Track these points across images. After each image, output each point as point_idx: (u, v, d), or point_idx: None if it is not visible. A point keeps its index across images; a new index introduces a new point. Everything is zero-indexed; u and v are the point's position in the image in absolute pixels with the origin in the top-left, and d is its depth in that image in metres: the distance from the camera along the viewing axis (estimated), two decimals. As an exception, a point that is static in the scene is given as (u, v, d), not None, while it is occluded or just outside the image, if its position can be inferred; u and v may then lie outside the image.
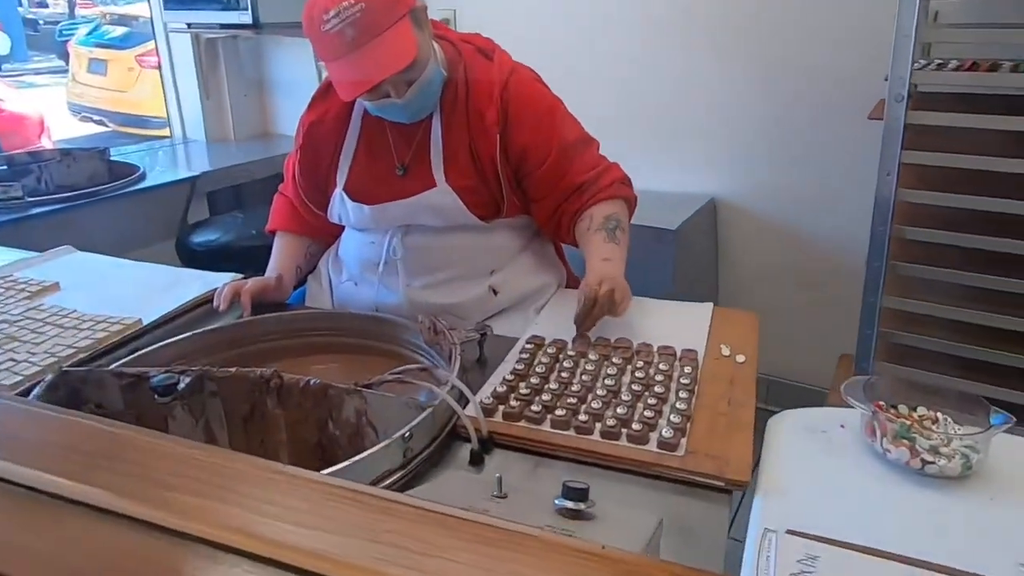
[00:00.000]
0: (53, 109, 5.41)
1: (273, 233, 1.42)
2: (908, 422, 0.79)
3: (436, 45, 1.22)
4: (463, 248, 1.27)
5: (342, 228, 1.38)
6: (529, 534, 0.27)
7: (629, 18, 2.30)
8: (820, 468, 0.78)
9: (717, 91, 2.24)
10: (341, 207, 1.29)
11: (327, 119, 1.28)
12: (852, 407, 0.83)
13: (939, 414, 0.82)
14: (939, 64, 1.59)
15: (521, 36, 2.33)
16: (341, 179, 1.28)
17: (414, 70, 1.13)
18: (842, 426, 0.86)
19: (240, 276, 1.35)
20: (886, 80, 1.55)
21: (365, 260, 1.31)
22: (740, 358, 1.03)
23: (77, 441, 0.33)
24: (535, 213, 1.31)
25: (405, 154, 1.25)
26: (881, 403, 0.83)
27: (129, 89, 5.33)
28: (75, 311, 1.20)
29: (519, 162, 1.23)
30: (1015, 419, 0.77)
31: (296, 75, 2.92)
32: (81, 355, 1.07)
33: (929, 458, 0.75)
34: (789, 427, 0.86)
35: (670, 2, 2.24)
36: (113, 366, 0.96)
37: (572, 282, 1.42)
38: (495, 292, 1.28)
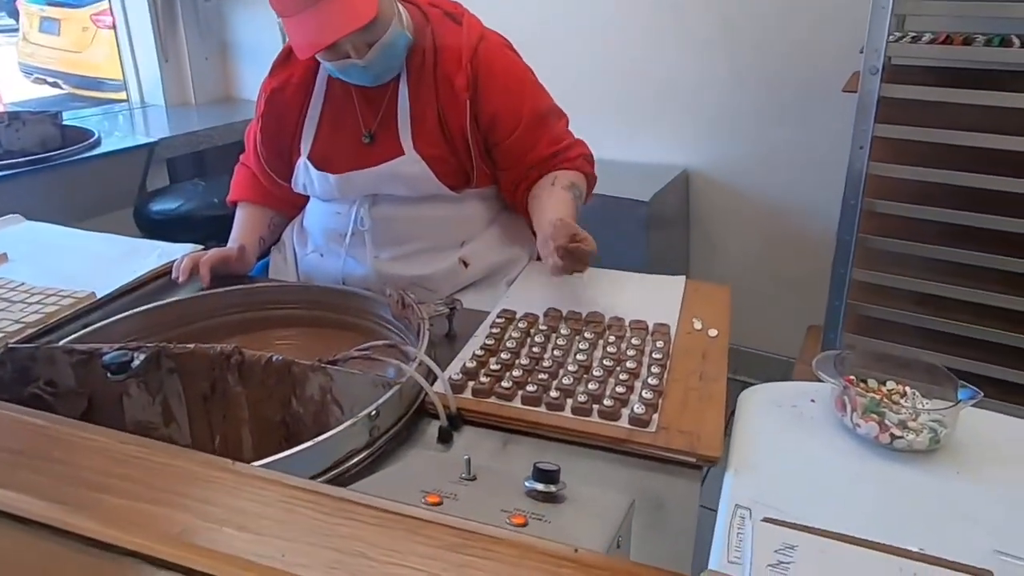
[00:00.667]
0: (3, 70, 5.16)
1: (235, 205, 1.37)
2: (877, 396, 0.79)
3: (401, 8, 1.17)
4: (432, 219, 1.24)
5: (306, 198, 1.33)
6: (497, 537, 0.25)
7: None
8: (790, 443, 0.78)
9: (691, 62, 2.22)
10: (306, 176, 1.25)
11: (289, 85, 1.23)
12: (822, 381, 0.83)
13: (907, 388, 0.82)
14: (914, 37, 1.58)
15: (493, 3, 2.27)
16: (305, 147, 1.24)
17: (374, 30, 1.08)
18: (812, 400, 0.86)
19: (200, 247, 1.30)
20: (861, 52, 1.54)
21: (331, 231, 1.27)
22: (712, 332, 1.03)
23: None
24: (501, 182, 1.28)
25: (371, 121, 1.21)
26: (851, 377, 0.83)
27: (84, 50, 5.10)
28: (24, 284, 1.14)
29: (488, 130, 1.20)
30: (982, 393, 0.78)
31: (260, 38, 2.81)
32: (30, 330, 1.02)
33: (898, 432, 0.75)
34: (760, 401, 0.86)
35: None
36: (63, 342, 0.91)
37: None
38: (465, 264, 1.25)
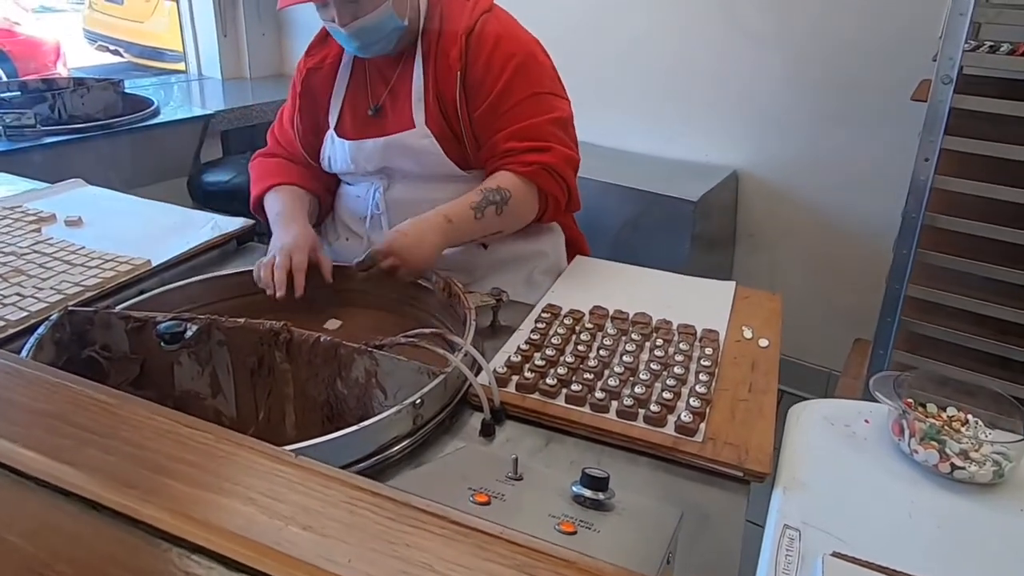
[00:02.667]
0: (69, 36, 5.31)
1: (261, 201, 1.26)
2: (938, 423, 0.76)
3: None
4: (445, 201, 1.20)
5: (335, 182, 1.35)
6: (568, 560, 0.24)
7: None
8: (843, 463, 0.76)
9: (748, 58, 2.16)
10: (331, 148, 1.28)
11: (324, 65, 1.28)
12: (879, 401, 0.80)
13: (970, 416, 0.79)
14: (991, 47, 1.51)
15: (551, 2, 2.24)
16: (333, 119, 1.27)
17: (362, 5, 1.10)
18: (867, 421, 0.83)
19: (250, 221, 1.32)
20: (934, 60, 1.48)
21: (352, 214, 1.29)
22: (763, 342, 1.00)
23: (67, 411, 0.30)
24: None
25: (380, 95, 1.23)
26: (910, 400, 0.80)
27: (146, 20, 5.22)
28: (83, 247, 1.17)
29: (468, 99, 1.17)
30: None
31: (315, 17, 2.83)
32: (88, 293, 1.04)
33: (959, 463, 0.72)
34: (811, 417, 0.83)
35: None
36: (119, 308, 0.93)
37: (580, 246, 1.37)
38: (484, 246, 1.24)
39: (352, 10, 1.11)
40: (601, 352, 0.94)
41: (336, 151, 1.26)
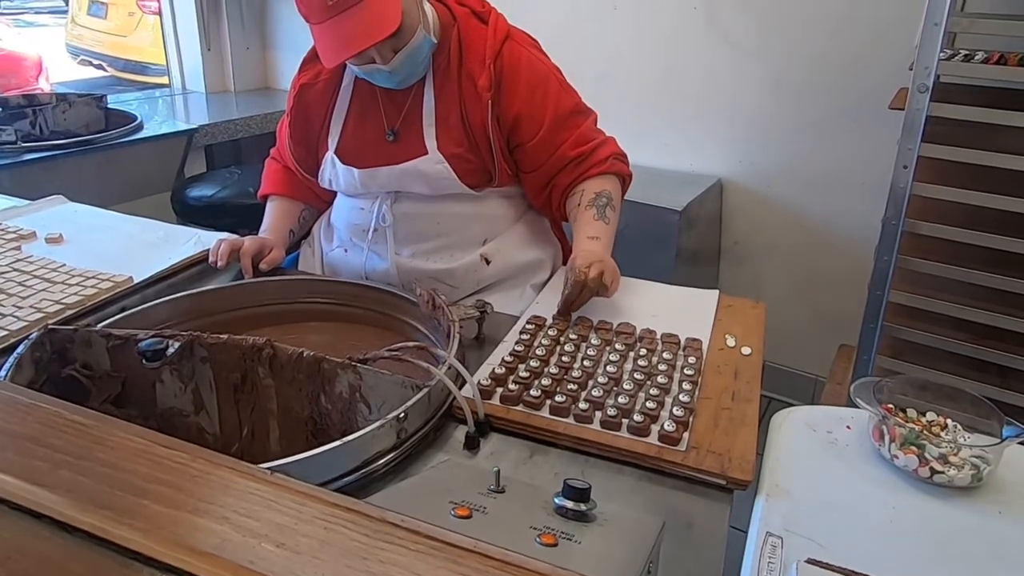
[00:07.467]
0: (52, 50, 5.27)
1: (266, 199, 1.39)
2: (917, 428, 0.76)
3: (428, 8, 1.17)
4: (454, 217, 1.24)
5: (335, 193, 1.34)
6: (542, 573, 0.24)
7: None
8: (824, 470, 0.76)
9: (730, 70, 2.19)
10: (332, 171, 1.26)
11: (319, 82, 1.26)
12: (859, 407, 0.81)
13: (949, 420, 0.80)
14: (966, 55, 1.54)
15: (527, 8, 2.26)
16: (332, 142, 1.26)
17: (400, 37, 1.09)
18: (848, 427, 0.84)
19: (235, 236, 1.31)
20: (910, 69, 1.50)
21: (354, 226, 1.28)
22: (746, 350, 1.01)
23: (41, 432, 0.30)
24: (526, 185, 1.28)
25: (395, 120, 1.22)
26: (890, 406, 0.80)
27: (129, 34, 5.20)
28: (64, 264, 1.16)
29: (511, 131, 1.20)
30: (1028, 430, 0.75)
31: (299, 31, 2.82)
32: (69, 312, 1.04)
33: (938, 467, 0.73)
34: (793, 424, 0.84)
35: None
36: (100, 325, 0.92)
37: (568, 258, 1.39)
38: (487, 261, 1.25)
39: (392, 44, 1.10)
40: (585, 363, 0.94)
41: (340, 175, 1.25)
